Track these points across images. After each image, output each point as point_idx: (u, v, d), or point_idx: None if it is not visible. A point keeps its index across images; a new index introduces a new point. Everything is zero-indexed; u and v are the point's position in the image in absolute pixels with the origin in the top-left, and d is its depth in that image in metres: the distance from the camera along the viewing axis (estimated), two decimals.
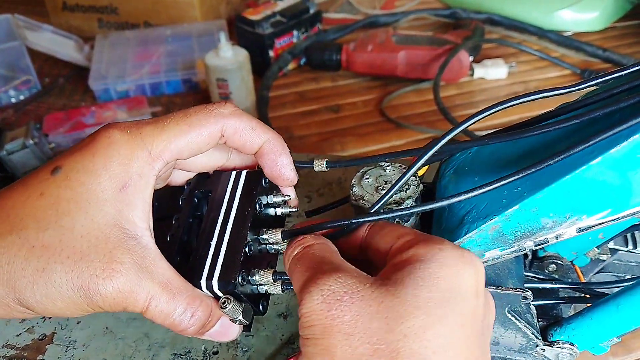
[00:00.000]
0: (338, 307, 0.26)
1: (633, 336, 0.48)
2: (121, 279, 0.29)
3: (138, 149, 0.31)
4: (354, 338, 0.25)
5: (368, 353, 0.25)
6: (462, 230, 0.35)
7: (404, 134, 0.91)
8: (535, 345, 0.39)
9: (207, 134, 0.33)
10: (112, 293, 0.29)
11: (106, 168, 0.30)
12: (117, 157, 0.30)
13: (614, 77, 0.33)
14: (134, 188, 0.31)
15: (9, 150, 0.75)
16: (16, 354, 0.47)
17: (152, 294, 0.30)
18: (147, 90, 1.03)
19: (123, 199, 0.30)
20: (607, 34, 1.12)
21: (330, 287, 0.27)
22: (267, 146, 0.35)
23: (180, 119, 0.32)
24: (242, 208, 0.34)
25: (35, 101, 1.03)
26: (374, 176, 0.40)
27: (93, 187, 0.30)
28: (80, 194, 0.30)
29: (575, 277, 0.44)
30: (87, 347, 0.47)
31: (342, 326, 0.26)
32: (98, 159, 0.30)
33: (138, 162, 0.31)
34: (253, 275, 0.33)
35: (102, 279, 0.29)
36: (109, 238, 0.29)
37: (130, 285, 0.29)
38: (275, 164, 0.35)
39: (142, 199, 0.31)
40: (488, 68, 1.01)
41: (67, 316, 0.30)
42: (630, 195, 0.30)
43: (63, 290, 0.29)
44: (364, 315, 0.26)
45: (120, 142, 0.31)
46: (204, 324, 0.33)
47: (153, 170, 0.31)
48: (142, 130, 0.31)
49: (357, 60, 1.02)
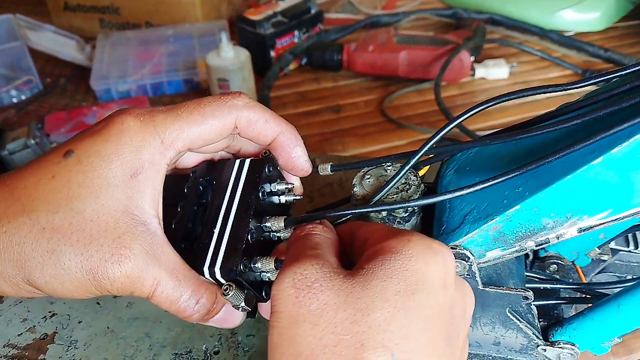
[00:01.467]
0: (307, 294, 0.26)
1: (634, 336, 0.48)
2: (129, 264, 0.29)
3: (150, 137, 0.31)
4: (318, 328, 0.25)
5: (332, 344, 0.25)
6: (464, 230, 0.35)
7: (405, 134, 0.91)
8: (536, 345, 0.39)
9: (221, 125, 0.33)
10: (120, 277, 0.29)
11: (118, 154, 0.30)
12: (130, 143, 0.30)
13: (614, 76, 0.33)
14: (144, 175, 0.31)
15: (11, 150, 0.75)
16: (17, 353, 0.47)
17: (159, 280, 0.30)
18: (148, 90, 1.03)
19: (134, 185, 0.30)
20: (608, 34, 1.12)
21: (303, 272, 0.27)
22: (281, 138, 0.35)
23: (193, 108, 0.32)
24: (245, 196, 0.35)
25: (37, 101, 1.04)
26: (375, 176, 0.40)
27: (105, 172, 0.30)
28: (92, 178, 0.30)
29: (576, 277, 0.44)
30: (88, 346, 0.47)
31: (307, 315, 0.26)
32: (110, 144, 0.30)
33: (150, 149, 0.31)
34: (255, 263, 0.33)
35: (110, 263, 0.29)
36: (119, 223, 0.30)
37: (138, 271, 0.30)
38: (290, 155, 0.36)
39: (152, 187, 0.31)
40: (489, 68, 1.00)
41: (75, 297, 0.31)
42: (632, 195, 0.30)
43: (72, 273, 0.29)
44: (331, 305, 0.26)
45: (133, 129, 0.31)
46: (209, 310, 0.33)
47: (165, 158, 0.32)
48: (155, 118, 0.31)
49: (358, 60, 1.02)
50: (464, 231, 0.35)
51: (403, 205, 0.34)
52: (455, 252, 0.35)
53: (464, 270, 0.36)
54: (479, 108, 0.35)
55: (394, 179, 0.36)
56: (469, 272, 0.36)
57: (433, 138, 0.35)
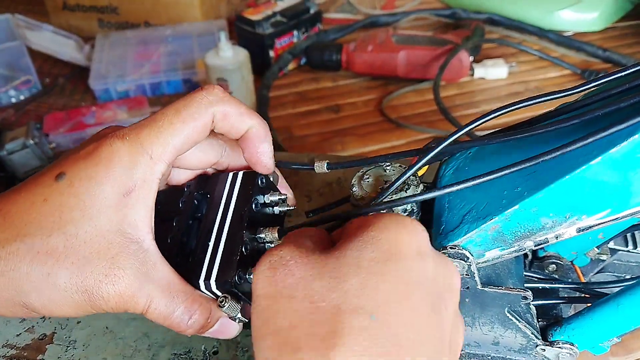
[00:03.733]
0: (282, 271, 0.27)
1: (633, 336, 0.48)
2: (122, 284, 0.30)
3: (139, 155, 0.31)
4: (295, 300, 0.25)
5: (309, 311, 0.25)
6: (462, 230, 0.35)
7: (404, 134, 0.91)
8: (535, 345, 0.39)
9: (201, 125, 0.33)
10: (115, 297, 0.30)
11: (109, 176, 0.31)
12: (120, 164, 0.31)
13: (614, 78, 0.33)
14: (137, 193, 0.31)
15: (9, 150, 0.75)
16: (16, 353, 0.47)
17: (152, 297, 0.31)
18: (147, 90, 1.03)
19: (127, 203, 0.31)
20: (607, 34, 1.12)
21: (279, 254, 0.28)
22: (251, 132, 0.36)
23: (173, 116, 0.33)
24: (239, 208, 0.35)
25: (36, 101, 1.03)
26: (374, 176, 0.40)
27: (97, 194, 0.30)
28: (84, 201, 0.30)
29: (575, 277, 0.44)
30: (87, 346, 0.47)
31: (284, 290, 0.26)
32: (101, 167, 0.31)
33: (141, 167, 0.31)
34: (250, 274, 0.33)
35: (104, 284, 0.30)
36: (112, 244, 0.30)
37: (131, 290, 0.30)
38: (256, 150, 0.36)
39: (144, 204, 0.32)
40: (488, 68, 1.01)
41: (71, 317, 0.32)
42: (630, 195, 0.30)
43: (67, 294, 0.30)
44: (307, 278, 0.26)
45: (122, 150, 0.31)
46: (202, 325, 0.34)
47: (155, 173, 0.32)
48: (139, 135, 0.32)
49: (357, 60, 1.02)
50: (463, 231, 0.35)
51: (400, 202, 0.34)
52: (454, 252, 0.35)
53: (463, 270, 0.36)
54: (491, 116, 0.35)
55: (394, 185, 0.36)
56: (468, 272, 0.36)
57: (436, 149, 0.35)
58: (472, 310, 0.38)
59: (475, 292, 0.37)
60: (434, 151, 0.36)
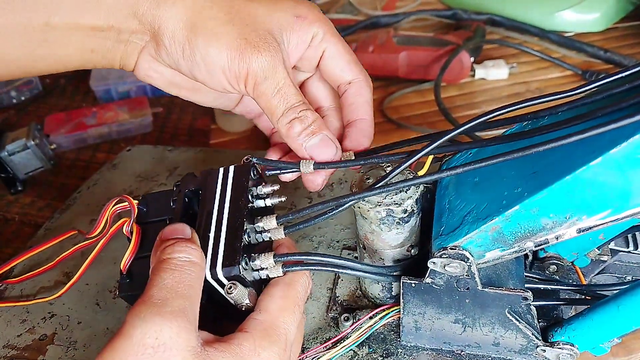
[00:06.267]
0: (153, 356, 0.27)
1: (634, 337, 0.48)
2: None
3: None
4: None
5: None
6: (463, 231, 0.35)
7: (405, 135, 0.91)
8: (535, 346, 0.39)
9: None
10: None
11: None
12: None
13: (615, 79, 0.33)
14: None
15: (10, 151, 0.75)
16: (17, 354, 0.47)
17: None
18: (148, 90, 1.03)
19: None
20: (608, 34, 1.12)
21: (157, 332, 0.27)
22: (355, 84, 0.44)
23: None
24: (235, 199, 0.36)
25: (37, 102, 1.04)
26: (375, 177, 0.40)
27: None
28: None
29: (575, 278, 0.44)
30: (87, 347, 0.47)
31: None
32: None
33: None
34: (254, 261, 0.35)
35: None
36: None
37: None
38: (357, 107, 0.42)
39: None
40: (489, 69, 1.00)
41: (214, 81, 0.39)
42: (630, 195, 0.30)
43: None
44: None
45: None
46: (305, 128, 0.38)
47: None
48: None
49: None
50: (463, 232, 0.35)
51: (395, 187, 0.36)
52: (454, 252, 0.35)
53: (463, 271, 0.36)
54: (490, 115, 0.35)
55: (387, 177, 0.37)
56: (468, 272, 0.36)
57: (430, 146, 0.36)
58: (472, 311, 0.38)
59: (476, 293, 0.37)
60: (425, 149, 0.36)
